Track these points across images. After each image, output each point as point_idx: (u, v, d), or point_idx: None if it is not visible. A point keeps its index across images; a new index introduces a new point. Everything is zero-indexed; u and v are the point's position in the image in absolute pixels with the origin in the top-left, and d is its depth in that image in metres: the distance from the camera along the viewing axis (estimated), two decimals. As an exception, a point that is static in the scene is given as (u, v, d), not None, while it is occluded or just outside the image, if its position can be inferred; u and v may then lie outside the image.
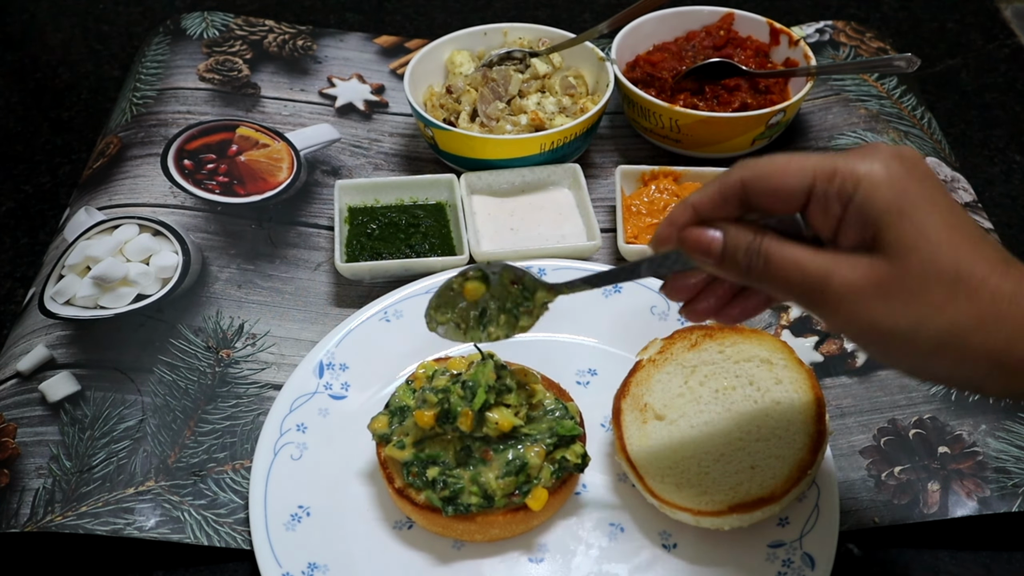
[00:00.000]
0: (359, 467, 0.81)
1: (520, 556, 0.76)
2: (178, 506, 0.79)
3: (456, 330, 0.75)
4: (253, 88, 1.20)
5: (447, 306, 0.74)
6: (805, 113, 1.17)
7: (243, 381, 0.89)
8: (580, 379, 0.88)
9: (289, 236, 1.03)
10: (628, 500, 0.79)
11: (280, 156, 1.11)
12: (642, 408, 0.80)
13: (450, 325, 0.75)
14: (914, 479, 0.80)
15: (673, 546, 0.76)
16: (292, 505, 0.77)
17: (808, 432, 0.75)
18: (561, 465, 0.75)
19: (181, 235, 1.00)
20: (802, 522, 0.75)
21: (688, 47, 1.15)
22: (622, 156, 1.12)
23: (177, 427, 0.85)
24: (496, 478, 0.73)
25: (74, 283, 0.94)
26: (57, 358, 0.89)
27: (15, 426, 0.83)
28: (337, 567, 0.74)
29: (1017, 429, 0.83)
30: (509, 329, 0.74)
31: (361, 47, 1.28)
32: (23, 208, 1.10)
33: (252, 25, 1.30)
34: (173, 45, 1.25)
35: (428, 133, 1.06)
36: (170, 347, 0.90)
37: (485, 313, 0.74)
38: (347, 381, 0.86)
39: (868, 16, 1.37)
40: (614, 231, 1.01)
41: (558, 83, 1.11)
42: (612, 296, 0.92)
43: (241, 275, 0.98)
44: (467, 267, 0.74)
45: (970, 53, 1.30)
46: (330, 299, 0.97)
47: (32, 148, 1.18)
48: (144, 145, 1.10)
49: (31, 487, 0.79)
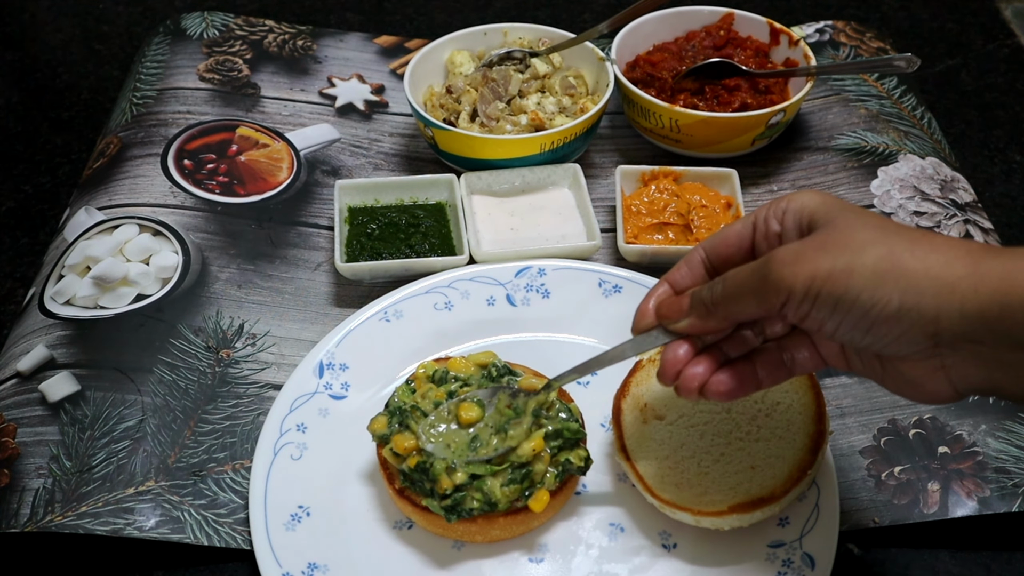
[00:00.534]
0: (359, 467, 0.81)
1: (520, 556, 0.76)
2: (178, 506, 0.79)
3: (445, 448, 0.74)
4: (253, 88, 1.20)
5: (438, 425, 0.75)
6: (805, 113, 1.17)
7: (243, 381, 0.89)
8: (580, 379, 0.88)
9: (289, 236, 1.03)
10: (628, 500, 0.79)
11: (280, 156, 1.11)
12: (642, 408, 0.80)
13: (439, 444, 0.74)
14: (914, 479, 0.80)
15: (673, 546, 0.76)
16: (292, 505, 0.77)
17: (808, 432, 0.76)
18: (565, 468, 0.75)
19: (181, 235, 1.00)
20: (802, 522, 0.75)
21: (688, 47, 1.15)
22: (622, 156, 1.12)
23: (177, 427, 0.85)
24: (501, 486, 0.73)
25: (74, 283, 0.94)
26: (57, 358, 0.89)
27: (15, 426, 0.83)
28: (337, 567, 0.74)
29: (1017, 429, 0.83)
30: (499, 445, 0.74)
31: (361, 47, 1.28)
32: (23, 208, 1.10)
33: (252, 25, 1.30)
34: (173, 45, 1.25)
35: (428, 133, 1.06)
36: (170, 347, 0.90)
37: (478, 438, 0.75)
38: (347, 381, 0.86)
39: (868, 16, 1.37)
40: (614, 231, 1.01)
41: (558, 83, 1.11)
42: (612, 296, 0.92)
43: (241, 275, 0.98)
44: (458, 388, 0.77)
45: (970, 53, 1.30)
46: (330, 299, 0.97)
47: (32, 148, 1.18)
48: (144, 145, 1.10)
49: (31, 487, 0.79)
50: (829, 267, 0.58)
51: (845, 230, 0.60)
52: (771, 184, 1.09)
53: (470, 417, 0.75)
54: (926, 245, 0.58)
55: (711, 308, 0.65)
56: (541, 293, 0.93)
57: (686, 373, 0.67)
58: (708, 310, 0.65)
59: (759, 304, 0.62)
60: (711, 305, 0.65)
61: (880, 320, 0.58)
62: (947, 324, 0.57)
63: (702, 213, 1.00)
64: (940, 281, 0.57)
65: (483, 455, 0.73)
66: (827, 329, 0.61)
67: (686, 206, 1.00)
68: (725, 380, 0.67)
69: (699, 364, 0.67)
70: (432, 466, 0.73)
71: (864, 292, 0.58)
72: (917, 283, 0.57)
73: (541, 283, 0.93)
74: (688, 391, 0.68)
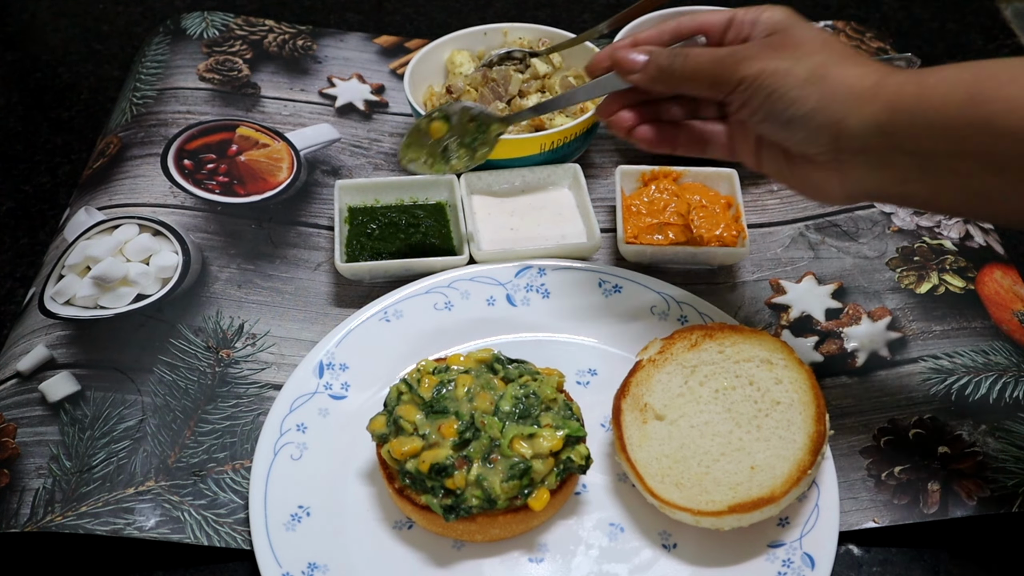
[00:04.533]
0: (359, 467, 0.81)
1: (520, 556, 0.76)
2: (178, 506, 0.79)
3: (423, 164, 0.89)
4: (253, 88, 1.20)
5: (416, 144, 0.88)
6: (805, 113, 1.16)
7: (243, 381, 0.89)
8: (580, 379, 0.88)
9: (289, 236, 1.03)
10: (628, 500, 0.79)
11: (280, 156, 1.11)
12: (642, 408, 0.80)
13: (419, 161, 0.89)
14: (914, 479, 0.80)
15: (673, 546, 0.76)
16: (292, 505, 0.77)
17: (808, 432, 0.76)
18: (566, 466, 0.75)
19: (181, 235, 1.00)
20: (802, 522, 0.75)
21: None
22: (622, 156, 1.12)
23: (177, 427, 0.85)
24: (501, 482, 0.73)
25: (74, 283, 0.94)
26: (57, 358, 0.89)
27: (15, 426, 0.83)
28: (337, 567, 0.74)
29: (1017, 429, 0.83)
30: (469, 160, 0.90)
31: (361, 47, 1.28)
32: (23, 208, 1.10)
33: (252, 25, 1.30)
34: (173, 45, 1.25)
35: (428, 133, 1.06)
36: (170, 347, 0.91)
37: (448, 149, 0.88)
38: (347, 381, 0.86)
39: (868, 16, 1.37)
40: (614, 231, 1.01)
41: (558, 83, 1.11)
42: (612, 296, 0.92)
43: (241, 275, 0.98)
44: (432, 110, 0.88)
45: (970, 53, 1.30)
46: (330, 299, 0.97)
47: (32, 148, 1.18)
48: (144, 145, 1.10)
49: (31, 487, 0.79)
50: (774, 67, 0.69)
51: (797, 40, 0.71)
52: (771, 183, 1.09)
53: (439, 129, 0.87)
54: (851, 61, 0.69)
55: (666, 74, 0.76)
56: (541, 293, 0.93)
57: (621, 115, 0.80)
58: (662, 74, 0.76)
59: (711, 87, 0.74)
60: (667, 71, 0.75)
61: (796, 117, 0.69)
62: (848, 126, 0.67)
63: (702, 213, 1.00)
64: (851, 90, 0.67)
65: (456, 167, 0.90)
66: (756, 119, 0.72)
67: (686, 206, 1.00)
68: (649, 130, 0.81)
69: (633, 112, 0.80)
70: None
71: (792, 90, 0.69)
72: (833, 90, 0.67)
73: (541, 283, 0.93)
74: (619, 129, 0.81)
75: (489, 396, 0.76)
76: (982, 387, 0.87)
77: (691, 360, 0.82)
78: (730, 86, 0.72)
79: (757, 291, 0.97)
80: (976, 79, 0.63)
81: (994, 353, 0.90)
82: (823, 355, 0.91)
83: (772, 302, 0.96)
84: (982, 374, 0.88)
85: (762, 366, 0.81)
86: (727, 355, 0.82)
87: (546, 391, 0.77)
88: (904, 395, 0.87)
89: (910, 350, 0.91)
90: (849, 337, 0.92)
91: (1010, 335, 0.92)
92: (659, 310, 0.91)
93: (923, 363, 0.89)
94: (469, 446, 0.74)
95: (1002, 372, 0.88)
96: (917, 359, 0.90)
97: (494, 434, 0.74)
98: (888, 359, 0.90)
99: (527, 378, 0.78)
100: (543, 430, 0.74)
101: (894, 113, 0.65)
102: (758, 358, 0.81)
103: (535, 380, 0.78)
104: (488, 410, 0.75)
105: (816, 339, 0.92)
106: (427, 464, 0.73)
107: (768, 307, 0.96)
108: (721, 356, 0.82)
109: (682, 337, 0.84)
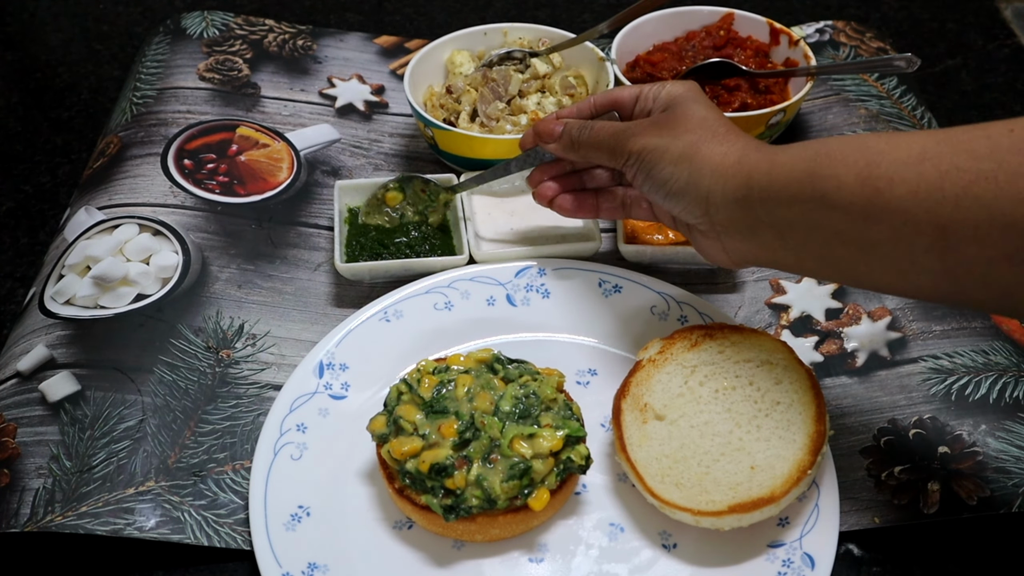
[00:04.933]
0: (359, 467, 0.81)
1: (520, 556, 0.76)
2: (178, 506, 0.79)
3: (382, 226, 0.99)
4: (253, 88, 1.20)
5: (376, 212, 1.00)
6: (805, 113, 1.17)
7: (243, 381, 0.89)
8: (580, 379, 0.88)
9: (289, 236, 1.03)
10: (628, 500, 0.79)
11: (280, 156, 1.11)
12: (642, 408, 0.80)
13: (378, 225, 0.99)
14: (914, 479, 0.80)
15: (673, 546, 0.76)
16: (292, 505, 0.77)
17: (808, 432, 0.76)
18: (566, 466, 0.75)
19: (181, 235, 1.00)
20: (802, 522, 0.75)
21: (688, 47, 1.15)
22: (622, 156, 1.12)
23: (177, 427, 0.85)
24: (501, 482, 0.73)
25: (74, 283, 0.94)
26: (57, 358, 0.89)
27: (15, 426, 0.83)
28: (337, 567, 0.74)
29: (1017, 429, 0.83)
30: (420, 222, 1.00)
31: (361, 47, 1.28)
32: (23, 208, 1.10)
33: (252, 25, 1.30)
34: (173, 45, 1.25)
35: (428, 133, 1.06)
36: (170, 347, 0.91)
37: (404, 215, 0.99)
38: (347, 381, 0.86)
39: (868, 16, 1.37)
40: (614, 231, 1.01)
41: (558, 83, 1.11)
42: (612, 296, 0.92)
43: (241, 275, 0.98)
44: (387, 180, 1.00)
45: (970, 53, 1.30)
46: (330, 299, 0.97)
47: (32, 148, 1.18)
48: (144, 145, 1.10)
49: (31, 487, 0.79)
50: (654, 144, 0.76)
51: (678, 118, 0.77)
52: (771, 184, 1.08)
53: (395, 198, 0.99)
54: (721, 139, 0.74)
55: (576, 144, 0.84)
56: (541, 293, 0.93)
57: (544, 185, 0.89)
58: (572, 144, 0.84)
59: (610, 158, 0.81)
60: (576, 142, 0.84)
61: (673, 191, 0.76)
62: (715, 201, 0.73)
63: (702, 213, 1.00)
64: (716, 167, 0.73)
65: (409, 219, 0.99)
66: (645, 189, 0.79)
67: (686, 206, 1.00)
68: (568, 200, 0.89)
69: (555, 183, 0.89)
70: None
71: (666, 168, 0.76)
72: (701, 167, 0.74)
73: (541, 283, 0.93)
74: (541, 199, 0.90)
75: (489, 396, 0.76)
76: (982, 387, 0.87)
77: (691, 360, 0.82)
78: (623, 159, 0.79)
79: (757, 291, 0.97)
80: (815, 156, 0.67)
81: (994, 353, 0.90)
82: (823, 355, 0.91)
83: (772, 302, 0.96)
84: (982, 374, 0.88)
85: (762, 366, 0.81)
86: (727, 355, 0.82)
87: (546, 391, 0.77)
88: (904, 395, 0.87)
89: (910, 350, 0.91)
90: (849, 337, 0.92)
91: (1010, 335, 0.92)
92: (659, 310, 0.91)
93: (923, 363, 0.89)
94: (469, 446, 0.74)
95: (1002, 372, 0.88)
96: (917, 359, 0.90)
97: (494, 434, 0.74)
98: (888, 359, 0.90)
99: (527, 378, 0.78)
100: (543, 430, 0.74)
101: (750, 189, 0.71)
102: (758, 358, 0.81)
103: (535, 380, 0.78)
104: (488, 410, 0.75)
105: (816, 339, 0.92)
106: (427, 464, 0.73)
107: (768, 307, 0.96)
108: (721, 356, 0.82)
109: (682, 337, 0.84)
